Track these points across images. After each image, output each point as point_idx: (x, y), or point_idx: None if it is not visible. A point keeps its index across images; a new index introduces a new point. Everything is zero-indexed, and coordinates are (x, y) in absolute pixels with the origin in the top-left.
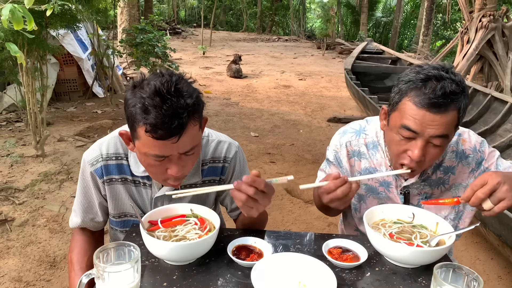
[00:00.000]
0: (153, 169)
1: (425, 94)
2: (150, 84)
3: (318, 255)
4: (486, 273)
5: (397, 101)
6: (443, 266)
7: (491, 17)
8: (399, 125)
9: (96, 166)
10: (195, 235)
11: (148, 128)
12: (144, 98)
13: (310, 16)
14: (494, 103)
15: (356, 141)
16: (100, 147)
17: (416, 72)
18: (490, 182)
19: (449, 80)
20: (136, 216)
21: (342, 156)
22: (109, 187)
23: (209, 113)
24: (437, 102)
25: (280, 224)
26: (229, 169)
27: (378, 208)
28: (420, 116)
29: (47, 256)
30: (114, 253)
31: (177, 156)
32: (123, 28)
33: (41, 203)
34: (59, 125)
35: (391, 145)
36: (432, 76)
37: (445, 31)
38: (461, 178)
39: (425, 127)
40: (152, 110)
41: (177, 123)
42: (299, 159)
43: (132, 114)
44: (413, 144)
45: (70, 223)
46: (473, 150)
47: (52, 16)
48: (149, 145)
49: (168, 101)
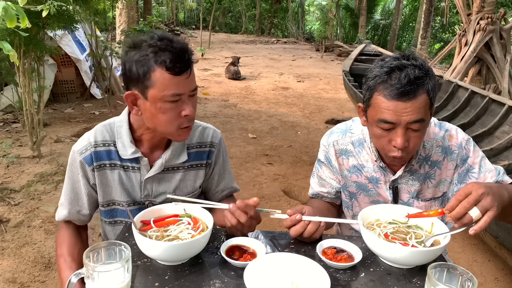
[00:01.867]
0: (168, 116)
1: (392, 86)
2: (152, 36)
3: (312, 255)
4: (483, 275)
5: (369, 97)
6: (437, 266)
7: (489, 19)
8: (376, 119)
9: (86, 154)
10: (188, 235)
11: (169, 64)
12: (152, 45)
13: (309, 18)
14: (491, 105)
15: (343, 140)
16: (88, 136)
17: (380, 67)
18: (474, 192)
19: (411, 67)
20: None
21: (331, 155)
22: (99, 173)
23: (207, 115)
24: (404, 90)
25: (277, 225)
26: (215, 154)
27: (373, 208)
28: (393, 107)
29: (42, 257)
30: (104, 252)
31: (187, 97)
32: (121, 30)
33: (37, 204)
34: (56, 126)
35: (375, 139)
36: (394, 67)
37: (443, 34)
38: (446, 174)
39: (400, 116)
40: (165, 50)
41: (187, 56)
42: (297, 160)
43: (143, 64)
44: (394, 134)
45: (57, 216)
46: (459, 146)
47: (49, 16)
48: (166, 85)
49: (174, 41)
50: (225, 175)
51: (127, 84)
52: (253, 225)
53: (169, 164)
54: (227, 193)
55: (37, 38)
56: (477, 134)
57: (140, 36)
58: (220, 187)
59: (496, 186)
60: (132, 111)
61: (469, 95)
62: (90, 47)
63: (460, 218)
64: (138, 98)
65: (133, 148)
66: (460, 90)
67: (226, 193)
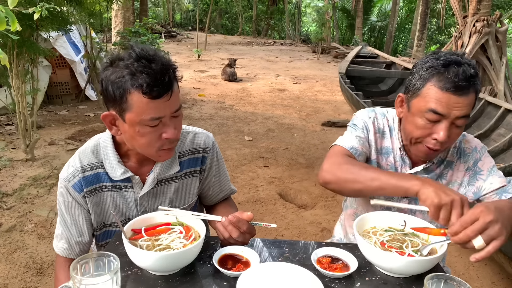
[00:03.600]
0: (147, 139)
1: (448, 79)
2: (130, 54)
3: (307, 264)
4: (480, 279)
5: (419, 87)
6: (434, 277)
7: (484, 22)
8: (424, 109)
9: (74, 181)
10: (180, 244)
11: (145, 88)
12: (129, 65)
13: (305, 20)
14: (488, 107)
15: (382, 120)
16: (74, 162)
17: (435, 59)
18: (481, 220)
19: (466, 65)
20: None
21: (370, 127)
22: (90, 198)
23: (203, 117)
24: (461, 85)
25: (273, 230)
26: (210, 159)
27: (369, 216)
28: (446, 99)
29: (34, 262)
30: (92, 264)
31: (169, 118)
32: (117, 31)
33: (30, 208)
34: (51, 128)
35: (413, 130)
36: (452, 61)
37: (440, 36)
38: (456, 175)
39: (451, 109)
40: (142, 72)
41: (167, 78)
42: (293, 163)
43: (119, 86)
44: (438, 127)
45: (56, 248)
46: (474, 149)
47: (43, 18)
48: (144, 109)
49: (153, 61)
50: (221, 177)
51: (106, 103)
52: (246, 239)
53: (161, 177)
54: (224, 195)
55: (31, 40)
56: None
57: (118, 53)
58: (216, 190)
59: (508, 207)
60: (111, 131)
61: None
62: (85, 49)
63: (462, 244)
64: (116, 119)
65: (122, 169)
66: None
67: (223, 196)
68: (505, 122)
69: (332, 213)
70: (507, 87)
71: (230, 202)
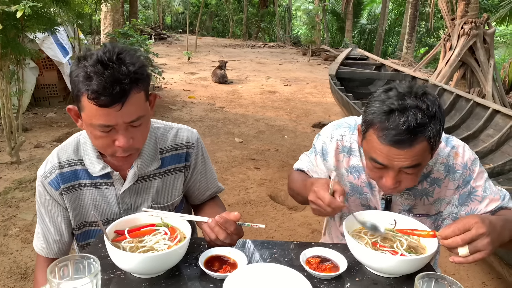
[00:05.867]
0: (100, 142)
1: (388, 130)
2: (93, 55)
3: (295, 265)
4: (470, 279)
5: (365, 130)
6: (425, 276)
7: (472, 24)
8: (368, 156)
9: (51, 177)
10: (164, 245)
11: (91, 95)
12: (86, 67)
13: (296, 22)
14: (476, 108)
15: (349, 137)
16: (52, 158)
17: (381, 102)
18: (474, 231)
19: (414, 110)
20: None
21: (330, 149)
22: (68, 196)
23: (193, 119)
24: (400, 138)
25: (263, 231)
26: (194, 155)
27: (358, 216)
28: (386, 151)
29: (18, 267)
30: (72, 267)
31: (123, 127)
32: (106, 33)
33: (14, 212)
34: (37, 130)
35: (367, 169)
36: (395, 109)
37: (429, 38)
38: (445, 193)
39: (392, 161)
40: (94, 77)
41: (118, 88)
42: (284, 164)
43: (75, 84)
44: (385, 173)
45: (35, 247)
46: (463, 166)
47: (28, 18)
48: (94, 114)
49: (109, 68)
50: (207, 174)
51: None
52: (234, 240)
53: (142, 172)
54: (211, 193)
55: (16, 41)
56: (462, 138)
57: (89, 51)
58: (202, 187)
59: (500, 225)
60: (77, 124)
61: (454, 98)
62: (73, 50)
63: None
64: (79, 114)
65: (101, 164)
66: (445, 94)
67: (210, 194)
68: (494, 122)
69: None
70: (495, 88)
71: (217, 201)
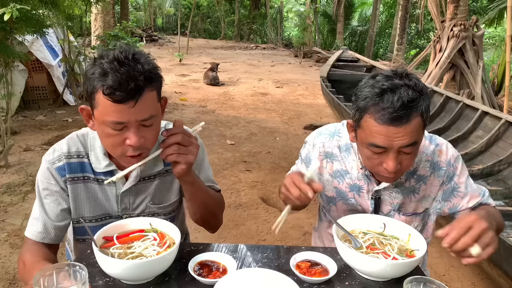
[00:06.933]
0: (111, 140)
1: (384, 109)
2: (110, 54)
3: (285, 270)
4: (460, 280)
5: (359, 118)
6: (414, 280)
7: (462, 26)
8: (366, 142)
9: (59, 164)
10: (153, 251)
11: (106, 90)
12: (103, 64)
13: (287, 24)
14: (466, 110)
15: (330, 143)
16: (61, 146)
17: (371, 86)
18: (477, 228)
19: (404, 88)
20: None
21: (313, 156)
22: (71, 186)
23: (184, 121)
24: (398, 115)
25: (255, 234)
26: None
27: (348, 219)
28: (385, 132)
29: (7, 273)
30: (57, 275)
31: (135, 125)
32: (96, 35)
33: (2, 217)
34: (26, 134)
35: (365, 160)
36: (386, 89)
37: (419, 40)
38: (430, 190)
39: (392, 141)
40: (110, 73)
41: (133, 85)
42: (276, 167)
43: (90, 82)
44: (385, 157)
45: (28, 233)
46: (447, 163)
47: (17, 20)
48: (108, 110)
49: (125, 65)
50: (203, 169)
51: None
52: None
53: (145, 174)
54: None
55: (4, 43)
56: (452, 139)
57: (106, 51)
58: None
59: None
60: (88, 124)
61: (444, 100)
62: (62, 53)
63: (460, 252)
64: (91, 114)
65: (107, 161)
66: (436, 95)
67: None
68: (483, 124)
69: (315, 217)
70: (484, 90)
71: None
